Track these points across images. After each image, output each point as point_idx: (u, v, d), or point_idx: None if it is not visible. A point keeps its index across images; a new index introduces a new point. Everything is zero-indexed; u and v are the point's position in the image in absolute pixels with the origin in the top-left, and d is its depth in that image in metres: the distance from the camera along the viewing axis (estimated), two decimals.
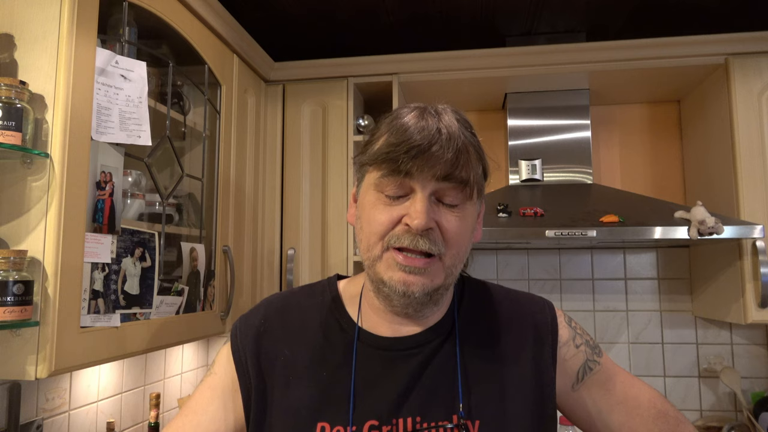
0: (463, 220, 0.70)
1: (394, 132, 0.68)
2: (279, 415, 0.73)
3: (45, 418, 1.30)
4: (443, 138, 0.66)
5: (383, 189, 0.69)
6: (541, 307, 0.82)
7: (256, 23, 1.89)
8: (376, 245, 0.69)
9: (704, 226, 1.57)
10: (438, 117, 0.69)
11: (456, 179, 0.67)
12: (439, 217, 0.68)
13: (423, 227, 0.66)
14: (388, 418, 0.70)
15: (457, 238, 0.69)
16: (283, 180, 1.93)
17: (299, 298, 0.83)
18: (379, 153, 0.68)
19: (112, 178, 1.13)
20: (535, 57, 1.86)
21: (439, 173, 0.66)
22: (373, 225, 0.69)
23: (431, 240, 0.67)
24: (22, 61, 1.00)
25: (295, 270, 1.86)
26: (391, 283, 0.69)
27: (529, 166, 2.01)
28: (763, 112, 1.72)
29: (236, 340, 0.79)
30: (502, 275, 2.18)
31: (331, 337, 0.77)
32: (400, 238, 0.67)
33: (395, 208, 0.68)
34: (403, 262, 0.68)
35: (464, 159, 0.68)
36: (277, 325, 0.79)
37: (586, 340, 0.83)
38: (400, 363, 0.73)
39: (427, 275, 0.68)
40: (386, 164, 0.67)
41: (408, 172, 0.66)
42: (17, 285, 0.91)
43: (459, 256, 0.71)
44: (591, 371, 0.80)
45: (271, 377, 0.75)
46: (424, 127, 0.67)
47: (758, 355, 2.00)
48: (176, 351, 1.86)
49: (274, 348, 0.77)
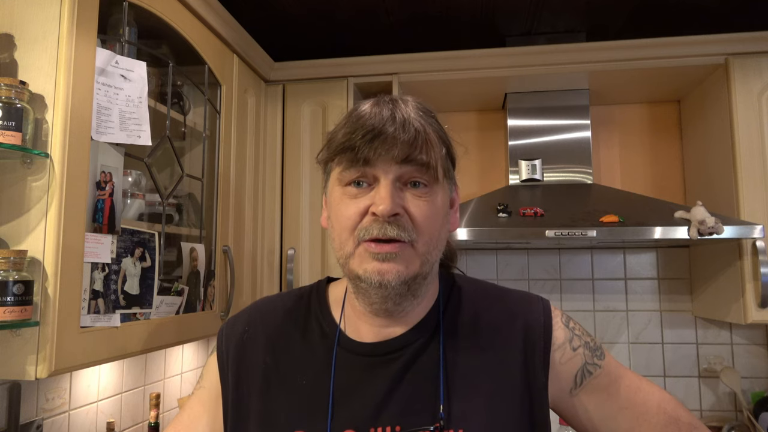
0: (431, 205, 0.68)
1: (350, 123, 0.68)
2: (256, 422, 0.72)
3: (45, 418, 1.30)
4: (397, 121, 0.66)
5: (346, 182, 0.69)
6: (534, 307, 0.77)
7: (256, 23, 1.89)
8: (347, 241, 0.68)
9: (704, 226, 1.57)
10: (393, 104, 0.69)
11: (417, 161, 0.66)
12: (406, 203, 0.67)
13: (389, 212, 0.64)
14: (366, 426, 0.69)
15: (428, 223, 0.68)
16: (283, 180, 1.93)
17: (286, 302, 0.82)
18: (337, 144, 0.68)
19: (112, 178, 1.13)
20: (535, 57, 1.86)
21: (398, 155, 0.65)
22: (342, 220, 0.68)
23: (400, 226, 0.66)
24: (22, 61, 1.00)
25: (295, 270, 1.86)
26: (366, 275, 0.67)
27: (529, 166, 2.01)
28: (763, 112, 1.72)
29: (221, 345, 0.79)
30: (502, 275, 2.18)
31: (312, 343, 0.76)
32: (369, 229, 0.66)
33: (361, 200, 0.67)
34: (374, 249, 0.66)
35: (422, 140, 0.67)
36: (261, 331, 0.78)
37: (585, 342, 0.77)
38: (381, 369, 0.72)
39: (400, 261, 0.66)
40: (345, 155, 0.67)
41: (366, 159, 0.66)
42: (17, 285, 0.91)
43: (432, 242, 0.69)
44: (591, 375, 0.75)
45: (250, 384, 0.75)
46: (378, 113, 0.67)
47: (758, 355, 2.00)
48: (176, 351, 1.86)
49: (255, 355, 0.76)
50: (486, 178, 2.23)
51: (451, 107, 2.24)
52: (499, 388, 0.71)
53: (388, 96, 0.72)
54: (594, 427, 0.76)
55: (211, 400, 0.78)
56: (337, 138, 0.69)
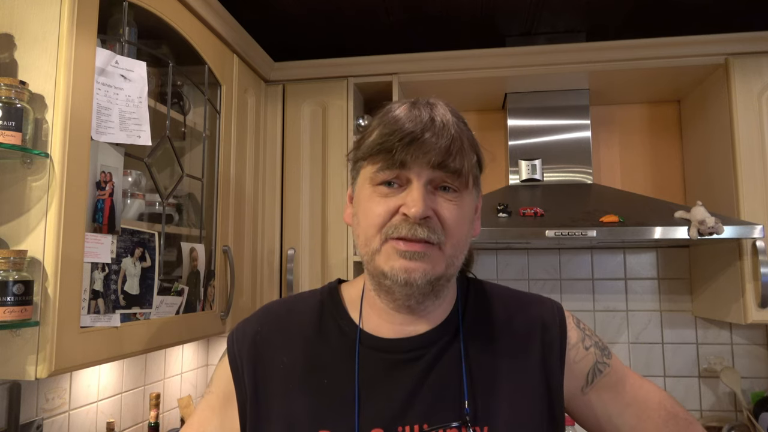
0: (460, 209, 0.69)
1: (386, 123, 0.69)
2: (278, 424, 0.72)
3: (45, 418, 1.30)
4: (437, 126, 0.67)
5: (379, 181, 0.69)
6: (549, 309, 0.80)
7: (256, 23, 1.89)
8: (374, 238, 0.69)
9: (704, 226, 1.57)
10: (430, 108, 0.69)
11: (450, 168, 0.67)
12: (437, 206, 0.68)
13: (421, 215, 0.65)
14: (393, 425, 0.69)
15: (456, 227, 0.69)
16: (283, 180, 1.93)
17: (299, 303, 0.82)
18: (373, 145, 0.69)
19: (112, 178, 1.13)
20: (535, 57, 1.86)
21: (433, 160, 0.66)
22: (371, 217, 0.69)
23: (430, 228, 0.67)
24: (22, 61, 1.00)
25: (295, 270, 1.86)
26: (392, 272, 0.68)
27: (529, 166, 2.01)
28: (763, 112, 1.72)
29: (233, 348, 0.78)
30: (502, 275, 2.18)
31: (331, 341, 0.76)
32: (398, 228, 0.67)
33: (392, 200, 0.68)
34: (403, 248, 0.67)
35: (457, 147, 0.67)
36: (275, 331, 0.78)
37: (595, 342, 0.81)
38: (405, 366, 0.72)
39: (427, 261, 0.67)
40: (381, 155, 0.68)
41: (402, 161, 0.66)
42: (17, 285, 0.91)
43: (459, 246, 0.70)
44: (601, 374, 0.78)
45: (268, 386, 0.74)
46: (416, 116, 0.68)
47: (758, 355, 2.00)
48: (176, 351, 1.86)
49: (271, 356, 0.76)
50: (486, 178, 2.21)
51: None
52: (520, 387, 0.73)
53: (424, 99, 0.72)
54: (600, 424, 0.79)
55: (221, 405, 0.78)
56: (374, 138, 0.69)
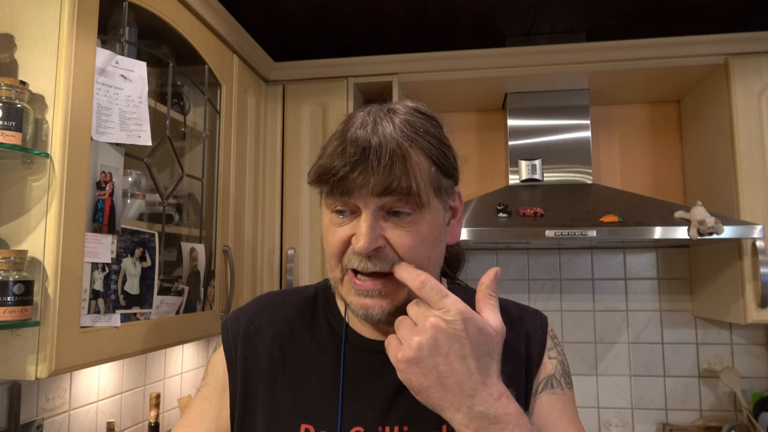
0: (415, 234, 0.65)
1: (336, 142, 0.65)
2: (263, 415, 0.72)
3: (45, 418, 1.30)
4: (374, 148, 0.62)
5: (331, 208, 0.67)
6: (534, 319, 0.79)
7: (256, 23, 1.89)
8: (335, 268, 0.68)
9: (704, 226, 1.57)
10: (375, 123, 0.64)
11: (397, 191, 0.62)
12: (388, 234, 0.64)
13: (366, 250, 0.62)
14: (374, 424, 0.69)
15: (412, 252, 0.64)
16: (283, 180, 1.93)
17: (293, 295, 0.82)
18: (317, 170, 0.65)
19: (112, 178, 1.13)
20: (535, 57, 1.87)
21: (376, 188, 0.62)
22: (330, 247, 0.67)
23: (382, 259, 0.64)
24: (22, 61, 1.00)
25: (295, 270, 1.87)
26: (352, 306, 0.67)
27: (529, 166, 2.01)
28: (763, 112, 1.72)
29: (227, 337, 0.79)
30: (502, 275, 2.18)
31: (320, 337, 0.76)
32: (351, 260, 0.65)
33: (344, 228, 0.66)
34: (357, 285, 0.65)
35: (400, 168, 0.62)
36: (267, 323, 0.78)
37: (561, 360, 0.78)
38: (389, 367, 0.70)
39: (384, 296, 0.65)
40: (326, 184, 0.64)
41: (345, 191, 0.63)
42: (17, 285, 0.91)
43: (423, 267, 0.65)
44: (552, 388, 0.74)
45: (257, 375, 0.75)
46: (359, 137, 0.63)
47: (758, 355, 2.00)
48: (176, 351, 1.86)
49: (262, 347, 0.76)
50: (486, 178, 2.23)
51: (451, 107, 2.24)
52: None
53: (377, 107, 0.68)
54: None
55: (217, 395, 0.78)
56: (320, 162, 0.66)
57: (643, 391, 2.06)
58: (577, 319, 2.13)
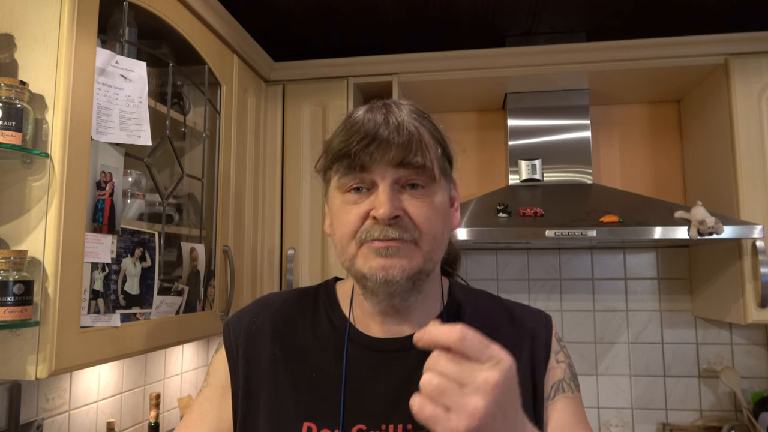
0: (431, 205, 0.69)
1: (345, 130, 0.69)
2: (266, 413, 0.73)
3: (45, 418, 1.30)
4: (392, 125, 0.67)
5: (346, 189, 0.69)
6: (539, 318, 0.80)
7: (256, 23, 1.89)
8: (349, 244, 0.69)
9: (704, 226, 1.57)
10: (386, 109, 0.70)
11: (413, 164, 0.67)
12: (406, 205, 0.68)
13: (389, 215, 0.65)
14: (377, 423, 0.69)
15: (429, 223, 0.68)
16: (283, 180, 1.93)
17: (293, 296, 0.83)
18: (333, 152, 0.69)
19: (112, 178, 1.13)
20: (535, 57, 1.86)
21: (394, 159, 0.66)
22: (344, 225, 0.69)
23: (401, 227, 0.67)
24: (22, 61, 1.00)
25: (295, 270, 1.86)
26: (371, 273, 0.68)
27: (529, 166, 2.01)
28: (763, 112, 1.72)
29: (229, 337, 0.79)
30: (502, 275, 2.18)
31: (322, 336, 0.76)
32: (371, 232, 0.67)
33: (361, 205, 0.68)
34: (378, 246, 0.67)
35: (416, 142, 0.68)
36: (268, 323, 0.79)
37: (568, 363, 0.79)
38: (392, 365, 0.72)
39: (404, 256, 0.67)
40: (342, 162, 0.68)
41: (363, 165, 0.67)
42: (17, 285, 0.91)
43: (435, 241, 0.69)
44: (563, 393, 0.75)
45: (259, 376, 0.75)
46: (372, 118, 0.68)
47: (758, 355, 2.00)
48: (176, 351, 1.86)
49: (264, 347, 0.77)
50: (486, 178, 2.23)
51: (451, 107, 2.24)
52: None
53: (381, 101, 0.73)
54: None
55: (219, 396, 0.78)
56: (333, 146, 0.70)
57: (643, 391, 2.06)
58: (577, 319, 2.13)
